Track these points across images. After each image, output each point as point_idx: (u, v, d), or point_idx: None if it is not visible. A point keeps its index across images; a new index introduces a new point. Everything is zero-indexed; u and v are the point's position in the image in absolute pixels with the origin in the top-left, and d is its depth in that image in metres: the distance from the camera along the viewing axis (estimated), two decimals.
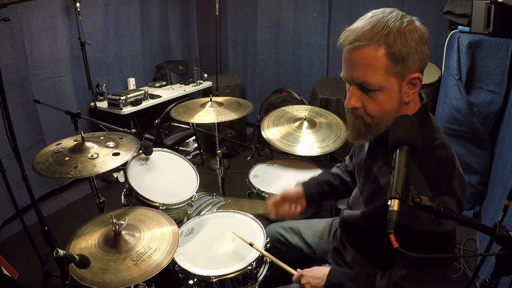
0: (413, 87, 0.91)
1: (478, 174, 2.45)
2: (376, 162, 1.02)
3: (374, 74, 0.86)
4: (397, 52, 0.85)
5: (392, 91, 0.89)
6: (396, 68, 0.86)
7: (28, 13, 2.64)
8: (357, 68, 0.88)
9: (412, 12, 3.11)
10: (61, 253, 0.94)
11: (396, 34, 0.84)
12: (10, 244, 2.47)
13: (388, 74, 0.86)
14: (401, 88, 0.89)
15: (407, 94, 0.91)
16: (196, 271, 1.31)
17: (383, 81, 0.87)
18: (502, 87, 2.23)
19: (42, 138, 2.85)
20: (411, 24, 0.87)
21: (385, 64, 0.85)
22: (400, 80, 0.88)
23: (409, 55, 0.86)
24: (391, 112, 0.92)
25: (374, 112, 0.91)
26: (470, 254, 2.52)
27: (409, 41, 0.85)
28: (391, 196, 0.69)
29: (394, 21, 0.86)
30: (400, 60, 0.85)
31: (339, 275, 1.09)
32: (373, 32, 0.85)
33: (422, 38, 0.87)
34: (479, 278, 1.85)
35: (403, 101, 0.92)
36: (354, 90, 0.92)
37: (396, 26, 0.85)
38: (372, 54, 0.85)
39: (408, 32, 0.86)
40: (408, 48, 0.85)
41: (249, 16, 4.15)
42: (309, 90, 3.75)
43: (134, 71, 3.79)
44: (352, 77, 0.91)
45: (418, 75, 0.89)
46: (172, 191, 1.77)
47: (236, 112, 2.05)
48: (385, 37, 0.84)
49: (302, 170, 2.05)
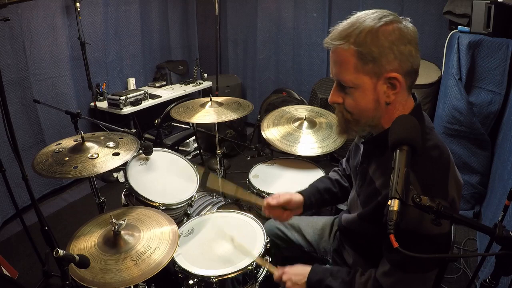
0: (393, 87, 0.90)
1: (478, 174, 2.45)
2: (371, 164, 1.03)
3: (346, 72, 0.90)
4: (366, 51, 0.86)
5: (366, 89, 0.91)
6: (367, 67, 0.88)
7: (28, 13, 2.64)
8: (334, 65, 0.94)
9: (412, 12, 3.15)
10: (61, 253, 0.94)
11: (367, 33, 0.86)
12: (10, 244, 2.47)
13: (358, 73, 0.89)
14: (377, 87, 0.90)
15: (387, 95, 0.91)
16: (196, 271, 1.31)
17: (355, 78, 0.90)
18: (502, 87, 2.23)
19: (42, 138, 2.85)
20: (389, 25, 0.87)
21: (354, 63, 0.88)
22: (374, 79, 0.89)
23: (382, 54, 0.86)
24: (368, 111, 0.94)
25: (351, 108, 0.95)
26: (470, 254, 2.52)
27: (382, 40, 0.86)
28: (391, 196, 0.69)
29: (370, 21, 0.87)
30: (370, 59, 0.87)
31: (321, 272, 1.11)
32: (347, 32, 0.89)
33: (402, 38, 0.87)
34: (479, 278, 1.85)
35: (381, 101, 0.92)
36: (335, 86, 0.98)
37: (369, 26, 0.86)
38: (343, 52, 0.89)
39: (382, 32, 0.86)
40: (380, 47, 0.86)
41: (249, 16, 4.15)
42: (309, 90, 3.75)
43: (134, 71, 3.79)
44: (333, 74, 0.96)
45: (396, 75, 0.88)
46: (172, 191, 1.77)
47: (236, 112, 2.05)
48: (355, 37, 0.87)
49: (302, 170, 2.05)
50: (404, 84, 0.91)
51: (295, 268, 1.16)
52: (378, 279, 0.96)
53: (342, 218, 1.20)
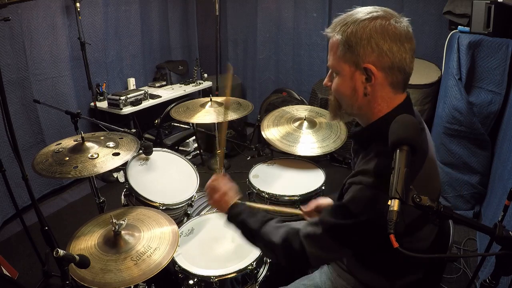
0: (367, 80, 0.93)
1: (478, 174, 2.45)
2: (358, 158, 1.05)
3: (331, 58, 0.98)
4: (347, 39, 0.91)
5: (345, 76, 0.96)
6: (347, 54, 0.92)
7: (28, 13, 2.64)
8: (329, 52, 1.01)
9: (412, 12, 3.15)
10: (61, 253, 0.94)
11: (351, 25, 0.91)
12: (10, 244, 2.47)
13: (340, 60, 0.95)
14: (354, 76, 0.94)
15: (364, 86, 0.94)
16: (196, 271, 1.31)
17: (336, 65, 0.96)
18: (502, 87, 2.23)
19: (42, 138, 2.85)
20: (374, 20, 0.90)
21: (337, 49, 0.94)
22: (353, 68, 0.93)
23: (359, 45, 0.90)
24: (346, 97, 0.99)
25: (334, 91, 1.02)
26: (470, 254, 2.53)
27: (360, 32, 0.89)
28: (391, 196, 0.69)
29: (361, 14, 0.92)
30: (348, 47, 0.91)
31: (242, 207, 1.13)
32: (337, 23, 0.96)
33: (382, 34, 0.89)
34: (479, 278, 1.85)
35: (358, 90, 0.95)
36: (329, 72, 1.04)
37: (356, 18, 0.91)
38: (332, 40, 0.96)
39: (364, 25, 0.90)
40: (358, 38, 0.90)
41: (249, 16, 4.15)
42: (309, 90, 3.75)
43: (134, 71, 3.79)
44: None
45: (370, 66, 0.90)
46: (172, 191, 1.77)
47: (236, 112, 2.06)
48: (341, 26, 0.93)
49: (302, 170, 2.05)
50: (383, 79, 0.92)
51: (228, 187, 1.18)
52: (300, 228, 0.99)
53: None
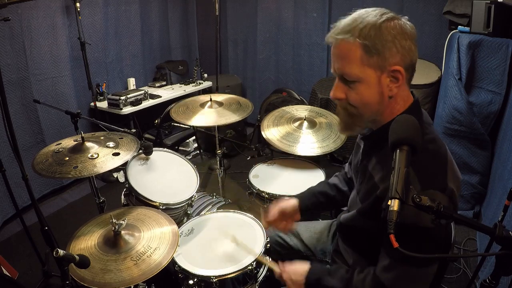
0: (396, 81, 0.93)
1: (478, 174, 2.45)
2: (371, 160, 1.03)
3: (351, 65, 0.92)
4: (370, 44, 0.89)
5: (371, 83, 0.92)
6: (372, 60, 0.90)
7: (28, 13, 2.64)
8: (338, 60, 0.94)
9: (412, 12, 3.15)
10: (61, 253, 0.94)
11: (371, 27, 0.89)
12: (10, 244, 2.47)
13: (364, 65, 0.91)
14: (381, 80, 0.92)
15: (390, 88, 0.93)
16: (196, 271, 1.31)
17: (360, 72, 0.91)
18: (502, 87, 2.23)
19: (42, 138, 2.85)
20: (390, 21, 0.90)
21: (359, 55, 0.90)
22: (378, 72, 0.91)
23: (385, 47, 0.89)
24: (373, 104, 0.95)
25: (355, 102, 0.96)
26: (470, 254, 2.53)
27: (385, 34, 0.89)
28: (391, 196, 0.69)
29: (372, 17, 0.90)
30: (374, 52, 0.89)
31: (319, 271, 1.11)
32: (351, 26, 0.91)
33: (403, 33, 0.90)
34: (479, 278, 1.85)
35: (385, 94, 0.94)
36: (338, 82, 0.98)
37: (372, 21, 0.89)
38: (348, 46, 0.91)
39: (385, 27, 0.89)
40: (383, 40, 0.88)
41: (249, 16, 4.15)
42: (309, 90, 3.75)
43: (134, 71, 3.79)
44: (335, 69, 0.97)
45: (399, 67, 0.91)
46: (172, 191, 1.77)
47: (236, 114, 2.05)
48: (359, 30, 0.89)
49: (302, 170, 2.05)
50: (405, 77, 0.93)
51: (294, 266, 1.17)
52: (377, 275, 0.96)
53: (341, 217, 1.21)
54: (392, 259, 0.92)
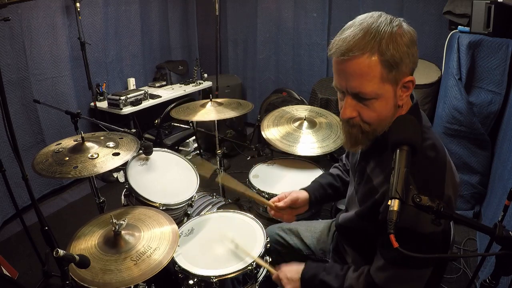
0: (407, 90, 0.91)
1: (478, 174, 2.45)
2: (369, 163, 1.03)
3: (369, 83, 0.85)
4: (390, 59, 0.84)
5: (388, 98, 0.89)
6: (390, 75, 0.86)
7: (28, 13, 2.64)
8: (352, 78, 0.87)
9: (412, 12, 3.15)
10: (61, 253, 0.94)
11: (388, 40, 0.84)
12: (10, 244, 2.47)
13: (383, 82, 0.86)
14: (396, 93, 0.90)
15: (401, 98, 0.92)
16: (196, 271, 1.31)
17: (379, 89, 0.86)
18: (502, 87, 2.23)
19: (42, 138, 2.85)
20: (400, 28, 0.87)
21: (379, 72, 0.85)
22: (394, 86, 0.88)
23: (402, 60, 0.85)
24: (388, 118, 0.93)
25: (370, 119, 0.91)
26: (470, 254, 2.53)
27: (401, 45, 0.85)
28: (391, 196, 0.69)
29: (384, 26, 0.85)
30: (394, 66, 0.85)
31: (315, 267, 1.13)
32: (365, 40, 0.83)
33: (412, 40, 0.87)
34: (479, 278, 1.85)
35: (397, 105, 0.93)
36: (349, 100, 0.91)
37: (388, 32, 0.84)
38: (366, 63, 0.84)
39: (399, 37, 0.85)
40: (401, 53, 0.85)
41: (249, 16, 4.15)
42: (309, 90, 3.75)
43: (134, 71, 3.79)
44: (347, 87, 0.90)
45: (411, 78, 0.89)
46: (172, 191, 1.77)
47: (236, 111, 2.05)
48: (378, 45, 0.83)
49: (302, 170, 2.05)
50: None
51: (290, 265, 1.19)
52: (371, 274, 0.98)
53: (339, 217, 1.21)
54: (386, 260, 0.92)
